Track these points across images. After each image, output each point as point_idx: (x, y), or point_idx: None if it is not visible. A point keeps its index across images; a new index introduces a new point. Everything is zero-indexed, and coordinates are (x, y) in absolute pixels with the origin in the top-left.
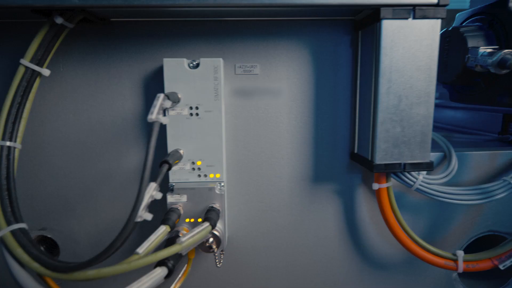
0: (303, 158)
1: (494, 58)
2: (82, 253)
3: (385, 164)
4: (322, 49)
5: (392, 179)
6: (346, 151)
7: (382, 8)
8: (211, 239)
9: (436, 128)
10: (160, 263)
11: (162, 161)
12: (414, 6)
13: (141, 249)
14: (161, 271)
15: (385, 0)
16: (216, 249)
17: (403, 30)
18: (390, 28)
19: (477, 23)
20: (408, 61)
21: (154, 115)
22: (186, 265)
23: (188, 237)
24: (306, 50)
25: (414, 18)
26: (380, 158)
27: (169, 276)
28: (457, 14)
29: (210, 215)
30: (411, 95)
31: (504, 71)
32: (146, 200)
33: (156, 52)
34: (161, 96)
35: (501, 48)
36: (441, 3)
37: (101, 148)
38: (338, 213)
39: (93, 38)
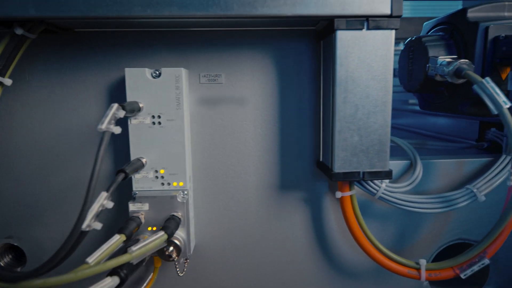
0: (269, 166)
1: (450, 68)
2: None
3: (344, 173)
4: (286, 59)
5: (356, 187)
6: (312, 159)
7: (336, 19)
8: (171, 248)
9: (418, 134)
10: (113, 272)
11: (118, 170)
12: (367, 17)
13: (91, 259)
14: (112, 281)
15: (338, 11)
16: (176, 257)
17: (357, 40)
18: (344, 38)
19: (440, 33)
20: (364, 71)
21: (104, 125)
22: (152, 273)
23: (139, 247)
24: (270, 59)
25: (368, 29)
26: (339, 167)
27: (121, 285)
28: (424, 23)
29: (168, 224)
30: (367, 105)
31: (461, 81)
32: (96, 209)
33: (122, 61)
34: (115, 106)
35: (460, 57)
36: (394, 14)
37: (68, 155)
38: (305, 221)
39: (59, 48)
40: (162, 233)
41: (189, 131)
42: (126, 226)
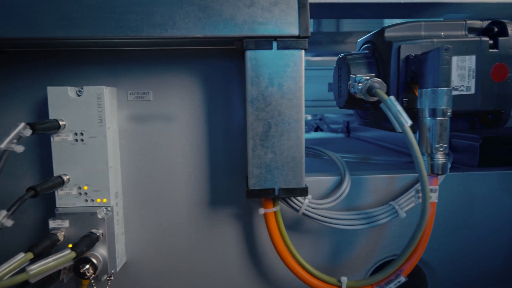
0: (199, 183)
1: (362, 86)
2: None
3: (259, 190)
4: (214, 76)
5: (280, 203)
6: (243, 175)
7: (245, 40)
8: (86, 266)
9: (380, 147)
10: None
11: (28, 187)
12: (275, 37)
13: None
14: None
15: (247, 32)
16: (93, 275)
17: (267, 60)
18: (254, 58)
19: (365, 51)
20: (275, 90)
21: (4, 144)
22: None
23: (38, 265)
24: (197, 77)
25: (277, 49)
26: (254, 184)
27: None
28: (358, 41)
29: (80, 241)
30: (280, 122)
31: (374, 98)
32: None
33: (51, 80)
34: (20, 125)
35: (379, 75)
36: (302, 35)
37: None
38: (238, 237)
39: None
40: (68, 251)
41: (117, 148)
42: (37, 244)
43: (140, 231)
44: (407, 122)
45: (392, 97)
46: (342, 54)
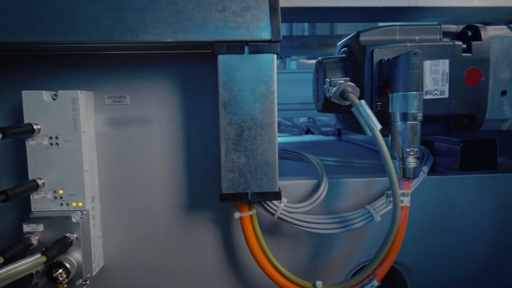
0: (176, 186)
1: (335, 90)
2: None
3: (232, 194)
4: (190, 80)
5: (256, 207)
6: (220, 179)
7: (216, 44)
8: (59, 270)
9: (373, 151)
10: None
11: (0, 191)
12: (247, 42)
13: None
14: None
15: (218, 36)
16: (66, 279)
17: (239, 64)
18: (227, 62)
19: (342, 55)
20: (247, 94)
21: None
22: None
23: (7, 270)
24: (174, 81)
25: (249, 53)
26: (227, 188)
27: None
28: (337, 44)
29: (52, 246)
30: (253, 127)
31: (347, 102)
32: None
33: (28, 84)
34: None
35: (354, 79)
36: (274, 39)
37: None
38: (215, 240)
39: None
40: (38, 255)
41: (94, 151)
42: (7, 249)
43: (118, 235)
44: (377, 126)
45: (362, 101)
46: (319, 58)
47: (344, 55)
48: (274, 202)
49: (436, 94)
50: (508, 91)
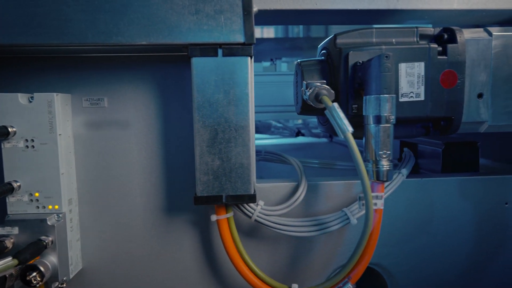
0: (155, 189)
1: (310, 92)
2: None
3: (207, 197)
4: (168, 83)
5: (234, 210)
6: None
7: (190, 47)
8: (34, 273)
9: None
10: None
11: None
12: (221, 45)
13: None
14: None
15: (192, 39)
16: (40, 283)
17: (213, 67)
18: (200, 65)
19: (321, 57)
20: (221, 96)
21: None
22: None
23: None
24: (152, 83)
25: (223, 56)
26: (201, 191)
27: None
28: (318, 46)
29: (25, 249)
30: (227, 129)
31: (322, 105)
32: None
33: (5, 87)
34: None
35: (331, 82)
36: (247, 42)
37: None
38: (194, 243)
39: None
40: (9, 258)
41: (72, 154)
42: None
43: (96, 238)
44: (348, 129)
45: (335, 104)
46: (298, 60)
47: (322, 57)
48: (251, 204)
49: (412, 96)
50: (484, 94)
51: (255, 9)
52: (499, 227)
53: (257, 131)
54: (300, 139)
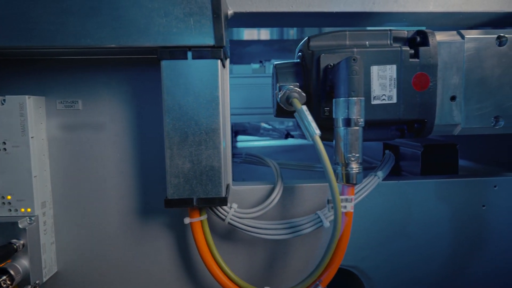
0: (130, 191)
1: (281, 95)
2: None
3: (177, 200)
4: (143, 85)
5: (208, 212)
6: None
7: (159, 50)
8: (3, 277)
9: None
10: None
11: None
12: (190, 47)
13: None
14: None
15: (161, 42)
16: (10, 286)
17: (183, 69)
18: (170, 67)
19: (297, 59)
20: (191, 99)
21: None
22: None
23: None
24: (126, 86)
25: (192, 58)
26: (172, 194)
27: None
28: (296, 48)
29: None
30: (197, 132)
31: (292, 108)
32: None
33: None
34: None
35: (304, 84)
36: (217, 45)
37: None
38: (171, 246)
39: None
40: None
41: (46, 157)
42: None
43: (71, 241)
44: (316, 132)
45: (304, 107)
46: (274, 63)
47: (298, 60)
48: (225, 207)
49: (384, 99)
50: (457, 96)
51: (231, 11)
52: (476, 229)
53: (246, 133)
54: (290, 141)
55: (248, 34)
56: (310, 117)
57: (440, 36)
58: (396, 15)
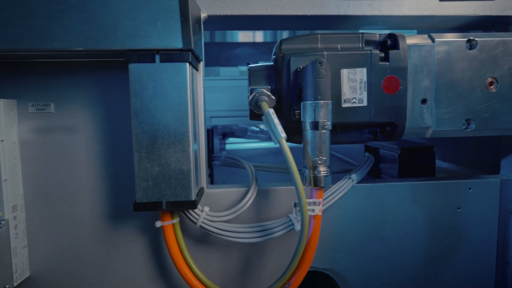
0: (104, 195)
1: (250, 98)
2: None
3: (146, 203)
4: (115, 88)
5: (181, 216)
6: None
7: (127, 53)
8: None
9: (335, 158)
10: None
11: None
12: (158, 50)
13: None
14: None
15: (128, 45)
16: None
17: (151, 72)
18: (138, 71)
19: (271, 62)
20: (159, 102)
21: None
22: None
23: None
24: (99, 88)
25: (160, 61)
26: (141, 197)
27: None
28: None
29: None
30: (166, 135)
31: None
32: None
33: None
34: None
35: (276, 88)
36: (185, 48)
37: None
38: (144, 250)
39: None
40: None
41: (17, 160)
42: None
43: (44, 245)
44: (281, 135)
45: (271, 110)
46: (248, 66)
47: (271, 63)
48: (196, 210)
49: (354, 102)
50: (428, 99)
51: (204, 14)
52: (451, 231)
53: (234, 136)
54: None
55: (238, 36)
56: (276, 120)
57: (411, 40)
58: (370, 18)
